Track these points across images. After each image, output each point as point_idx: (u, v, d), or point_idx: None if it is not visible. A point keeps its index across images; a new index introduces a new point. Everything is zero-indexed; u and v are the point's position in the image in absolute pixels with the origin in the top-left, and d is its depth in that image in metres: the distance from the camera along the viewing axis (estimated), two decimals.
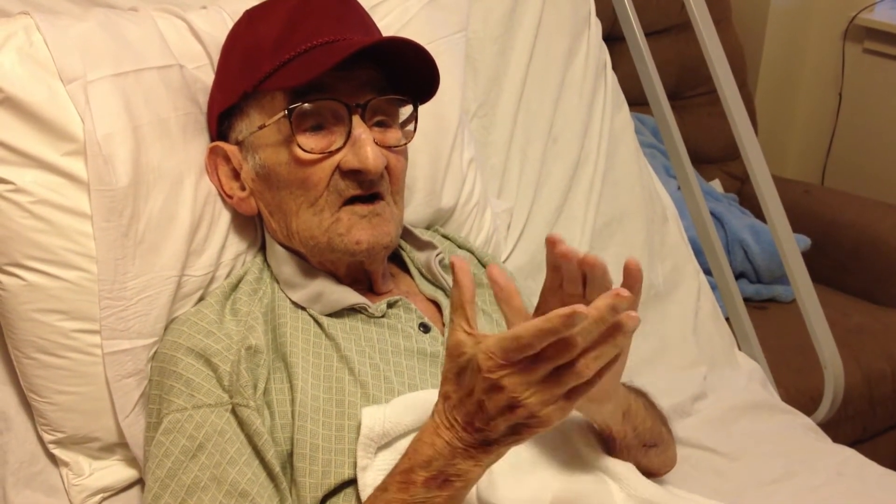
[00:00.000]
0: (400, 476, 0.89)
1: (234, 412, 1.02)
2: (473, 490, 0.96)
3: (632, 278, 0.90)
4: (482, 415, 0.82)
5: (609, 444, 1.07)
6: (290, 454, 1.02)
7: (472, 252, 1.31)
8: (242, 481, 0.99)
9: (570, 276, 0.92)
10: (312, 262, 1.15)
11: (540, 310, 0.96)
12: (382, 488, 0.91)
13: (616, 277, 1.54)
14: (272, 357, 1.07)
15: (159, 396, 1.06)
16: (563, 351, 0.78)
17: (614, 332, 0.78)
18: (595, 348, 0.79)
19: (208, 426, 1.01)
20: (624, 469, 1.04)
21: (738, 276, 2.32)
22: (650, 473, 1.10)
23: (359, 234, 1.09)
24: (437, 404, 0.88)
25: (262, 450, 1.01)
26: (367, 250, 1.10)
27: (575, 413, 1.10)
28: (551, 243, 0.90)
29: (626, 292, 0.77)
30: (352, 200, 1.10)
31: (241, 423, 1.02)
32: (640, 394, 1.13)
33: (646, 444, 1.07)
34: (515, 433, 0.83)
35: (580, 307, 0.75)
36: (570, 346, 0.78)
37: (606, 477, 1.03)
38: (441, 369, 1.10)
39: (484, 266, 1.29)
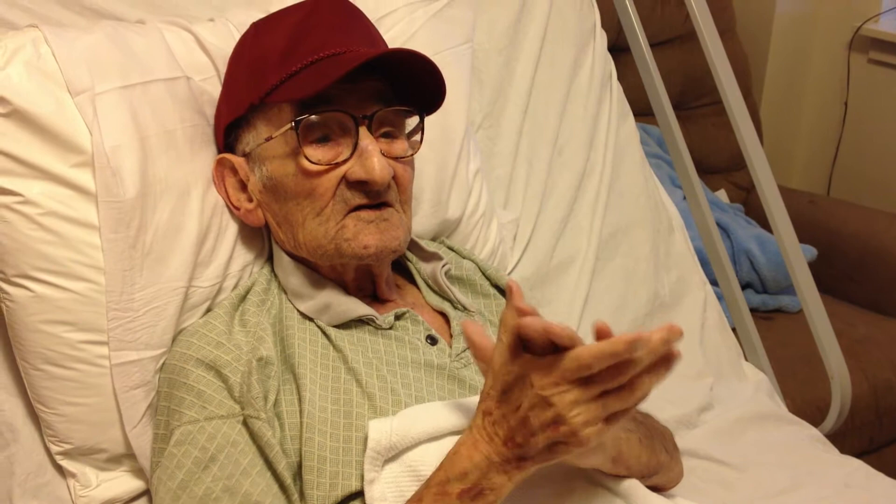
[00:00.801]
0: (436, 487, 0.92)
1: (245, 424, 1.02)
2: None
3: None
4: (525, 430, 0.87)
5: None
6: (299, 466, 1.02)
7: (475, 263, 1.31)
8: (255, 493, 0.99)
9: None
10: (322, 271, 1.15)
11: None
12: (417, 499, 0.94)
13: (621, 286, 1.56)
14: (282, 368, 1.07)
15: (168, 408, 1.06)
16: (617, 375, 0.83)
17: (663, 363, 0.84)
18: (640, 377, 0.84)
19: (220, 437, 1.01)
20: (629, 485, 1.03)
21: (745, 286, 2.32)
22: (655, 489, 1.10)
23: (366, 239, 1.09)
24: (475, 419, 0.91)
25: (274, 461, 1.00)
26: (376, 254, 1.10)
27: None
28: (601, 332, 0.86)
29: (678, 328, 0.81)
30: (357, 208, 1.09)
31: (253, 435, 1.02)
32: (638, 421, 1.10)
33: (643, 476, 1.08)
34: (551, 451, 0.87)
35: (645, 334, 0.80)
36: (625, 371, 0.83)
37: (612, 494, 1.02)
38: (447, 381, 1.10)
39: (488, 278, 1.29)
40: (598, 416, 0.84)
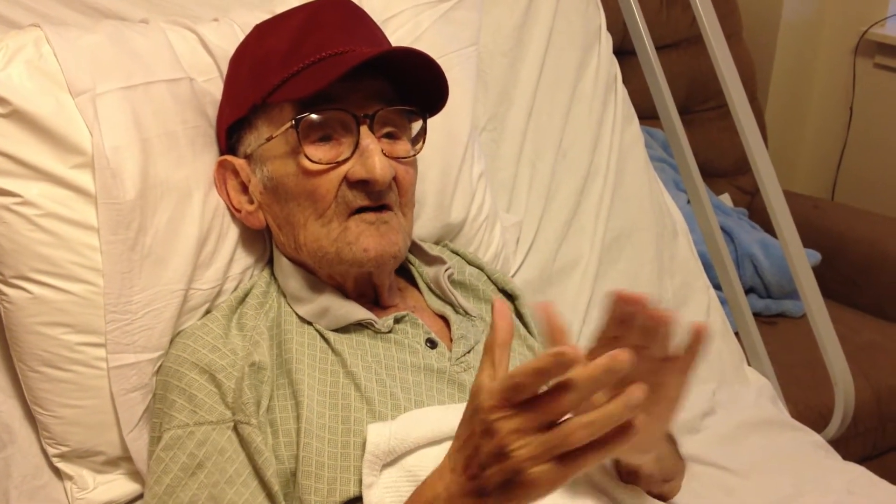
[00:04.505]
0: None
1: (235, 430, 1.02)
2: None
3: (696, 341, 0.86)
4: (477, 459, 0.79)
5: (630, 478, 1.04)
6: (295, 472, 1.01)
7: (481, 269, 1.30)
8: (239, 502, 0.98)
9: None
10: (321, 275, 1.14)
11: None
12: None
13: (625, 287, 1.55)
14: (276, 373, 1.06)
15: (162, 411, 1.06)
16: (556, 400, 0.74)
17: (613, 398, 0.74)
18: (589, 413, 0.74)
19: (209, 444, 1.01)
20: (629, 495, 1.02)
21: (748, 290, 2.31)
22: (659, 498, 1.09)
23: (367, 242, 1.08)
24: (451, 446, 0.85)
25: (262, 468, 1.00)
26: (375, 258, 1.09)
27: None
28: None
29: (624, 355, 0.72)
30: (360, 210, 1.09)
31: (242, 441, 1.01)
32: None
33: (665, 479, 1.06)
34: (508, 492, 0.78)
35: (569, 348, 0.72)
36: (564, 396, 0.74)
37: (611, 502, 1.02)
38: (447, 385, 1.10)
39: (494, 283, 1.28)
40: (545, 451, 0.75)
